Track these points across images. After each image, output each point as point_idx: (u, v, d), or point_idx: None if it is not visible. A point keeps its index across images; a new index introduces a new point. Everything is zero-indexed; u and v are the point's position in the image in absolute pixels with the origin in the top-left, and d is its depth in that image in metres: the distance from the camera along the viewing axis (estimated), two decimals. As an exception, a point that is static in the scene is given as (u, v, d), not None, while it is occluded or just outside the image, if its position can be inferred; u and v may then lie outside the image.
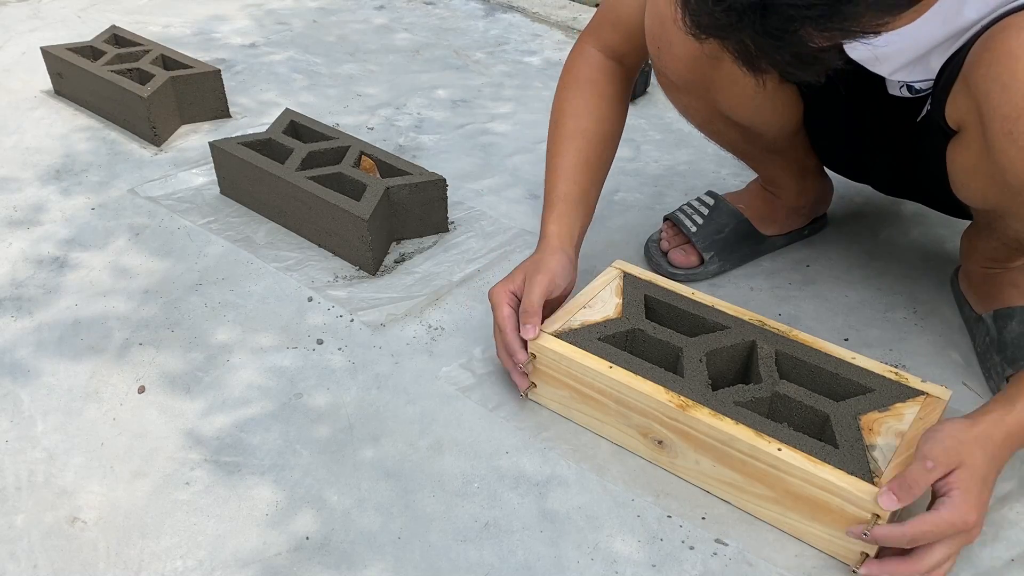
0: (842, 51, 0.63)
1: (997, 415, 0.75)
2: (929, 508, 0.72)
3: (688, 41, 0.91)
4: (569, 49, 1.89)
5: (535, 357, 0.91)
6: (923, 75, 0.87)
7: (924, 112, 0.94)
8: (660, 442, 0.85)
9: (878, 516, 0.73)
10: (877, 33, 0.60)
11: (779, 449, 0.77)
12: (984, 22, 0.77)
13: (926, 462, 0.73)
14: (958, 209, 1.06)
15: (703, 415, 0.81)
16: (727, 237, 1.15)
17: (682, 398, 0.82)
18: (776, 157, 1.13)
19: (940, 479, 0.72)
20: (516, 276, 0.94)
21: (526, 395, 0.94)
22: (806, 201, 1.19)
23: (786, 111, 1.04)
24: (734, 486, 0.82)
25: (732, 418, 0.80)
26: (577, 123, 1.00)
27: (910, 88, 0.91)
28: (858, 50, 0.85)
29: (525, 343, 0.91)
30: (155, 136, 1.46)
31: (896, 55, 0.85)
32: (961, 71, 0.78)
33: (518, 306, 0.93)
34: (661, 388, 0.84)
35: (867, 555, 0.75)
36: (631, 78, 1.05)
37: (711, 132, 1.12)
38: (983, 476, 0.73)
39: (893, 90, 0.93)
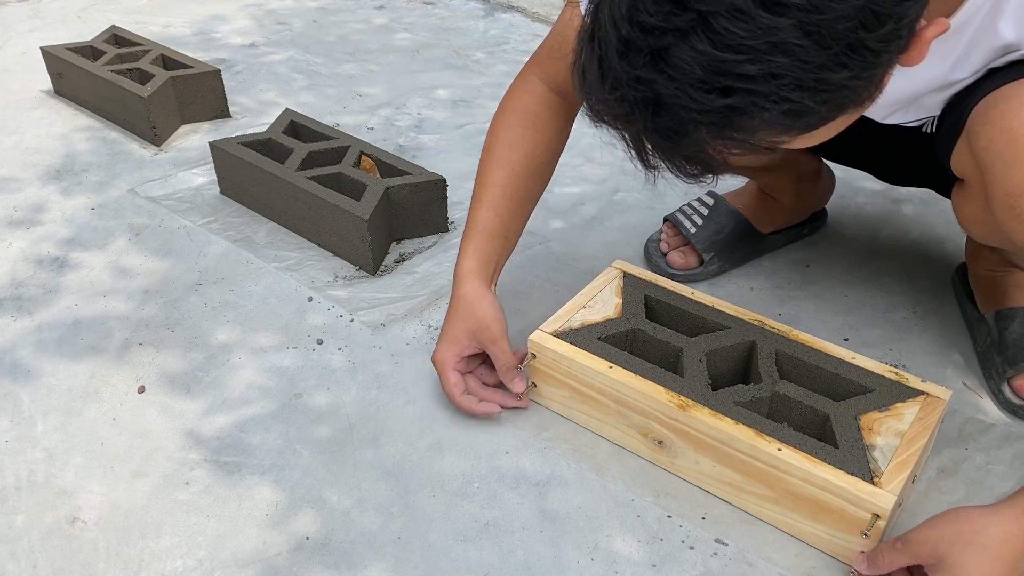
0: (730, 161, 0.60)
1: (1014, 514, 0.66)
2: None
3: None
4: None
5: (535, 357, 0.91)
6: (916, 115, 0.87)
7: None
8: (660, 442, 0.85)
9: (878, 516, 0.73)
10: (774, 149, 0.58)
11: (779, 449, 0.77)
12: (979, 74, 0.76)
13: (897, 543, 0.70)
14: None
15: (703, 415, 0.81)
16: (726, 237, 1.15)
17: (682, 398, 0.82)
18: (771, 172, 1.13)
19: (929, 568, 0.68)
20: (459, 337, 0.90)
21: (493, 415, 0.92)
22: (805, 202, 1.19)
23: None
24: (734, 486, 0.82)
25: (732, 418, 0.80)
26: (508, 154, 0.95)
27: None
28: None
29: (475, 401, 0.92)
30: (155, 136, 1.46)
31: (886, 104, 0.84)
32: (964, 130, 0.77)
33: (466, 367, 0.93)
34: (661, 388, 0.84)
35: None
36: (573, 114, 1.00)
37: None
38: None
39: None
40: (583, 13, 0.61)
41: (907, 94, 0.83)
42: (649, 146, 0.60)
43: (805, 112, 0.55)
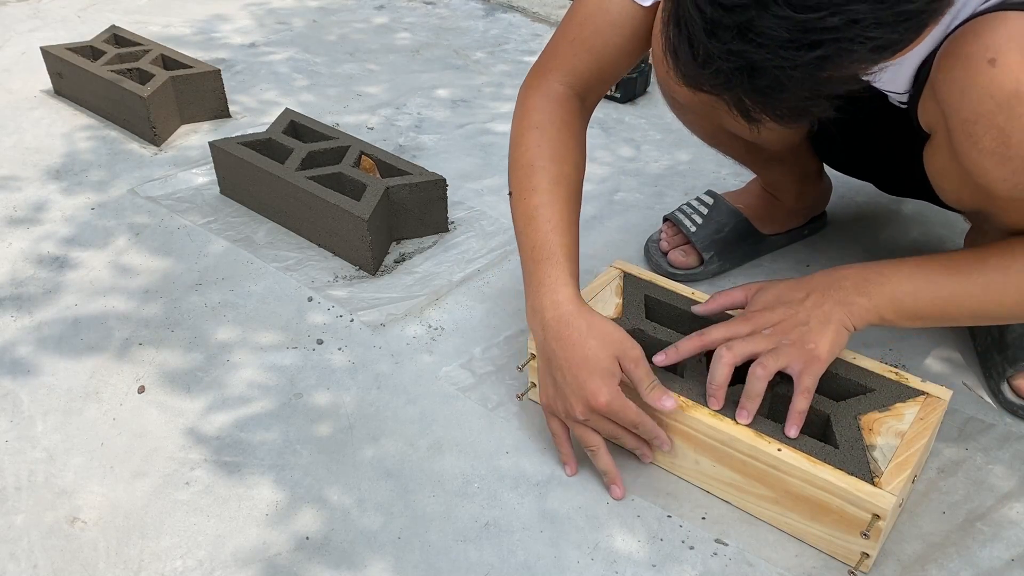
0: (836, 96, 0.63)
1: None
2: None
3: None
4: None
5: (535, 357, 0.91)
6: (901, 86, 0.87)
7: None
8: None
9: (878, 517, 0.73)
10: (866, 83, 0.61)
11: (779, 449, 0.77)
12: (951, 28, 0.77)
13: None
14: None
15: (703, 415, 0.81)
16: (727, 237, 1.15)
17: (682, 398, 0.82)
18: (779, 164, 1.13)
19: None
20: (615, 370, 0.81)
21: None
22: (805, 203, 1.19)
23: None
24: (734, 486, 0.82)
25: (732, 418, 0.80)
26: (560, 168, 0.89)
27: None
28: None
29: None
30: (155, 136, 1.46)
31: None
32: (928, 76, 0.78)
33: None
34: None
35: (867, 555, 0.75)
36: (589, 116, 0.98)
37: (715, 144, 1.13)
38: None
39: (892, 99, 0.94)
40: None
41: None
42: (750, 104, 0.63)
43: (891, 44, 0.57)
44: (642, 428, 0.82)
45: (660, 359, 0.84)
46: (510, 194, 0.91)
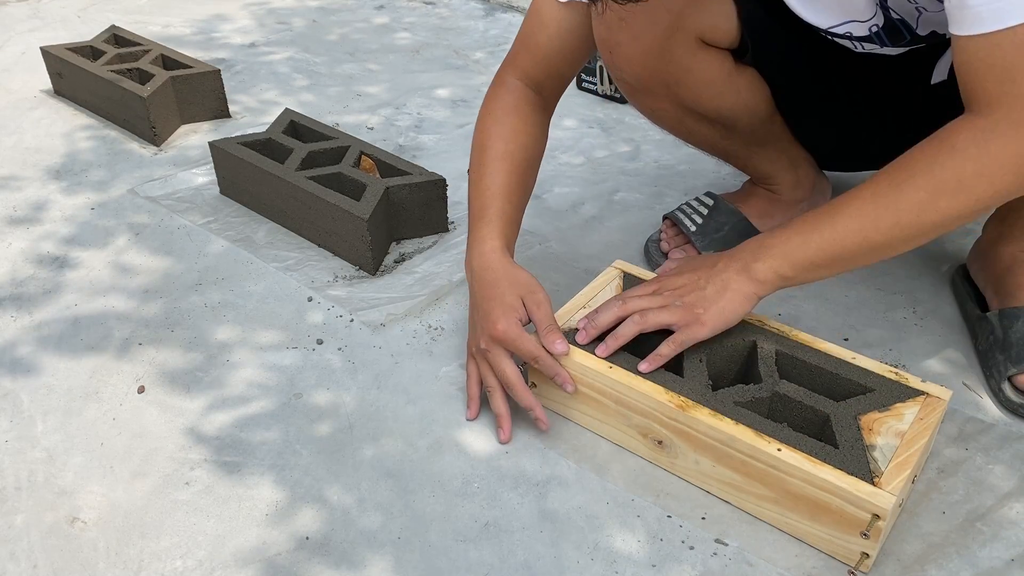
0: None
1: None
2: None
3: (636, 39, 0.97)
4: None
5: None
6: (853, 15, 0.90)
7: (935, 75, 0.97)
8: (660, 442, 0.85)
9: (878, 517, 0.73)
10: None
11: (779, 449, 0.77)
12: None
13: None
14: None
15: (703, 415, 0.81)
16: (727, 236, 1.15)
17: (682, 398, 0.82)
18: (760, 150, 1.13)
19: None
20: (516, 306, 0.89)
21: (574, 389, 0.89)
22: (803, 193, 1.19)
23: (750, 93, 1.05)
24: (734, 486, 0.82)
25: (732, 418, 0.80)
26: (505, 146, 0.99)
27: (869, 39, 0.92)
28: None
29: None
30: (155, 136, 1.46)
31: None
32: None
33: None
34: (661, 388, 0.84)
35: (867, 555, 0.75)
36: (550, 109, 1.06)
37: (685, 133, 1.13)
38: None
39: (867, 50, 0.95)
40: None
41: None
42: None
43: None
44: (541, 362, 0.87)
45: (582, 336, 0.89)
46: (468, 172, 1.02)
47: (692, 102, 1.03)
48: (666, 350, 0.85)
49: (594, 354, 0.87)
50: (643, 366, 0.85)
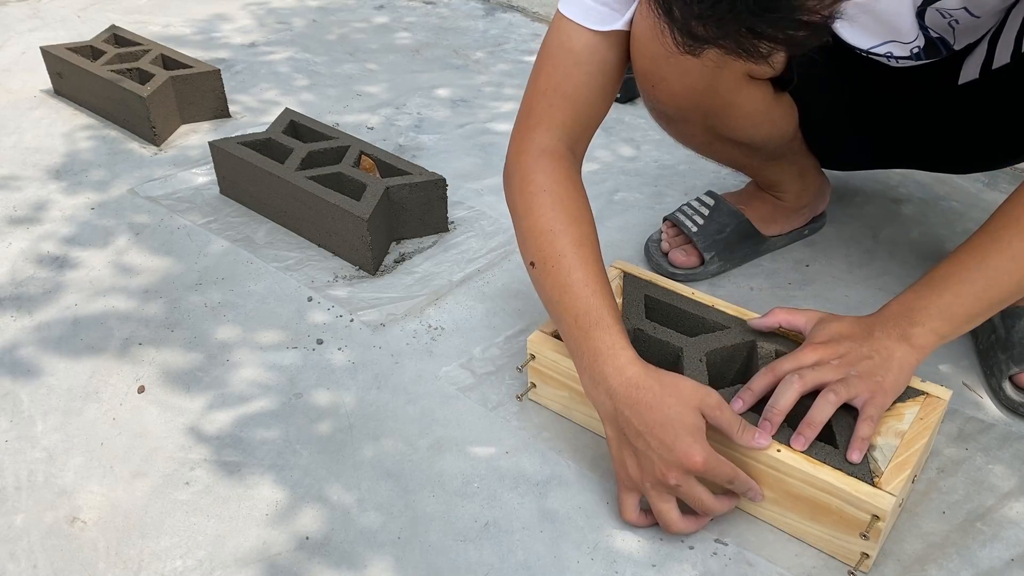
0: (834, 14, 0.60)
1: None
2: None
3: (684, 75, 0.89)
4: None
5: (534, 358, 0.91)
6: (907, 33, 0.88)
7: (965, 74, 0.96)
8: None
9: (877, 518, 0.73)
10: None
11: (778, 451, 0.77)
12: None
13: (793, 379, 0.78)
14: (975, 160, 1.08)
15: None
16: (728, 237, 1.15)
17: None
18: (775, 163, 1.13)
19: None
20: (701, 424, 0.75)
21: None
22: (807, 200, 1.19)
23: (783, 120, 1.05)
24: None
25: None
26: (580, 229, 0.85)
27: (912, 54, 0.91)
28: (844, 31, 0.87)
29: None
30: (155, 136, 1.46)
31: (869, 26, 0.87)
32: None
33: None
34: None
35: (867, 555, 0.75)
36: (580, 164, 0.94)
37: (710, 153, 1.14)
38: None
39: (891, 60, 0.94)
40: None
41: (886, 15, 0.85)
42: (759, 32, 0.59)
43: None
44: (737, 482, 0.77)
45: (738, 405, 0.80)
46: (531, 264, 0.87)
47: (727, 132, 1.02)
48: (866, 431, 0.76)
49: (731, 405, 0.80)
50: (852, 456, 0.76)
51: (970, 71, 0.96)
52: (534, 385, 0.93)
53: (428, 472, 0.87)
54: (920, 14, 0.85)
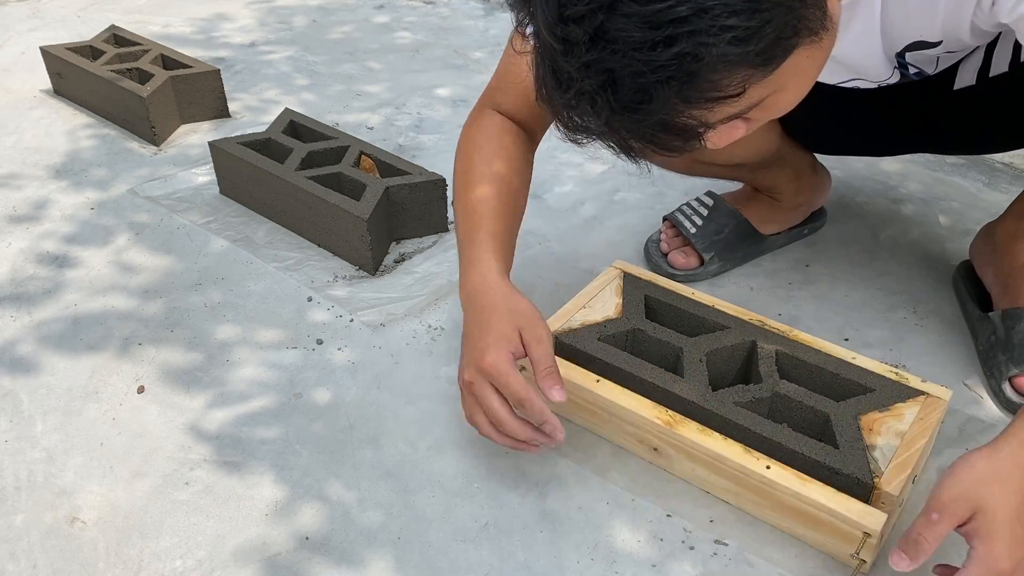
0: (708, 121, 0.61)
1: (1018, 441, 0.66)
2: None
3: None
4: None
5: (524, 369, 0.85)
6: (886, 74, 0.88)
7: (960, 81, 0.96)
8: (655, 448, 0.85)
9: (868, 535, 0.72)
10: (742, 91, 0.59)
11: (768, 467, 0.77)
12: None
13: (931, 514, 0.66)
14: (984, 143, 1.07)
15: (690, 432, 0.81)
16: (727, 237, 1.15)
17: (669, 413, 0.82)
18: (766, 171, 1.14)
19: (961, 527, 0.66)
20: (511, 337, 0.78)
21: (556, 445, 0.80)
22: (804, 198, 1.19)
23: (761, 139, 1.06)
24: (731, 492, 0.82)
25: (722, 432, 0.80)
26: (490, 168, 0.90)
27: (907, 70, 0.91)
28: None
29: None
30: (155, 136, 1.46)
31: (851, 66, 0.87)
32: None
33: None
34: (648, 403, 0.83)
35: (863, 560, 0.75)
36: (534, 142, 0.98)
37: (694, 174, 1.15)
38: (1009, 515, 0.64)
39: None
40: (528, 34, 0.63)
41: (864, 57, 0.85)
42: (625, 131, 0.61)
43: (750, 36, 0.55)
44: (528, 406, 0.76)
45: (896, 560, 0.68)
46: (453, 202, 0.93)
47: (704, 158, 1.04)
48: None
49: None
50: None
51: (966, 76, 0.96)
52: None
53: (428, 472, 0.87)
54: (901, 55, 0.85)
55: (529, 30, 0.63)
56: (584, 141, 0.63)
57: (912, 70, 0.88)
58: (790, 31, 0.58)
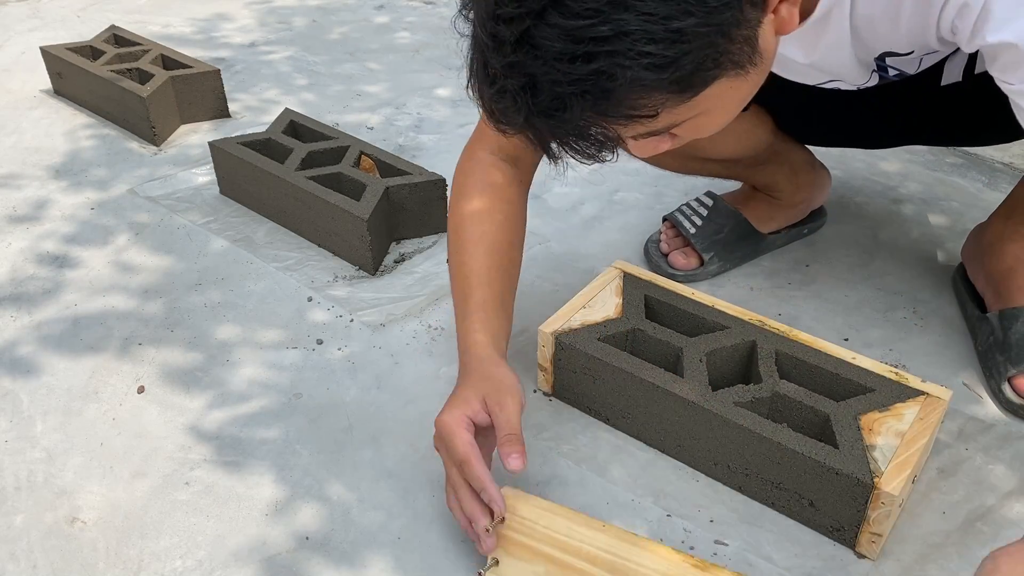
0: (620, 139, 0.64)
1: None
2: None
3: None
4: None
5: (497, 563, 0.73)
6: (858, 80, 0.89)
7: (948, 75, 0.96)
8: None
9: (496, 560, 0.69)
10: (655, 114, 0.61)
11: None
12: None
13: None
14: (974, 134, 1.08)
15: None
16: (726, 237, 1.15)
17: (698, 560, 0.72)
18: (761, 168, 1.14)
19: None
20: (470, 400, 0.77)
21: (488, 566, 0.73)
22: (804, 195, 1.19)
23: (753, 132, 1.06)
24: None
25: (721, 432, 0.79)
26: (481, 228, 0.90)
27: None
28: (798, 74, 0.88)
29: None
30: (155, 136, 1.46)
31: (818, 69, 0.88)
32: None
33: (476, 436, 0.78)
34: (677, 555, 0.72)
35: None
36: (527, 181, 0.97)
37: (689, 172, 1.14)
38: None
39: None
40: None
41: (841, 65, 0.86)
42: (544, 133, 0.64)
43: (667, 64, 0.57)
44: (467, 469, 0.73)
45: None
46: (447, 260, 0.95)
47: (696, 153, 1.04)
48: None
49: None
50: None
51: (953, 73, 0.97)
52: (496, 562, 0.73)
53: (428, 472, 0.87)
54: (880, 59, 0.86)
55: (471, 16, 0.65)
56: (509, 132, 0.66)
57: (892, 72, 0.89)
58: (711, 64, 0.60)
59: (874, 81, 0.91)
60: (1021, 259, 1.00)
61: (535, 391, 0.95)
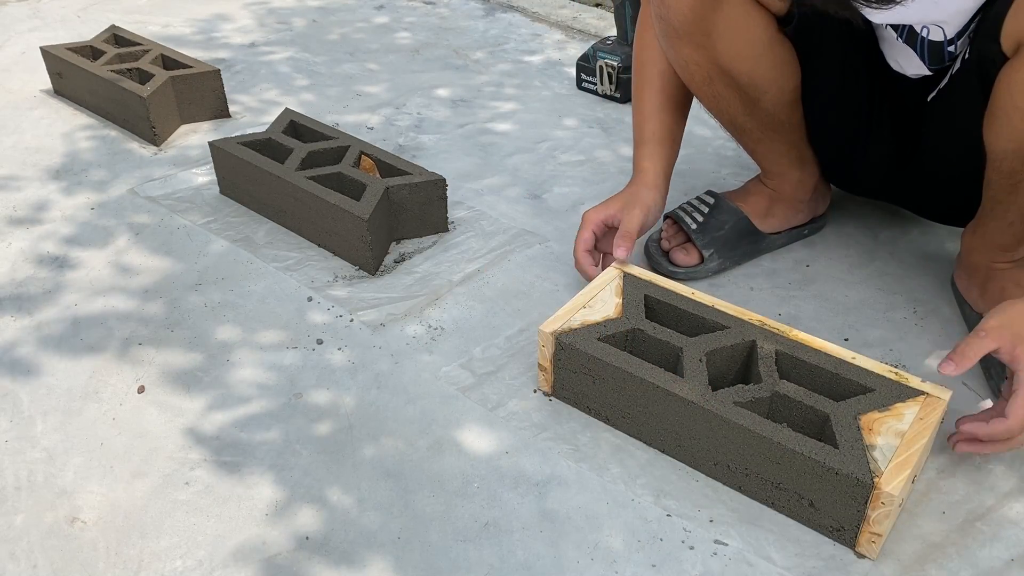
0: None
1: None
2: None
3: None
4: (569, 48, 1.90)
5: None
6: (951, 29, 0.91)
7: (937, 89, 0.98)
8: None
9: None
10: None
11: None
12: None
13: (980, 332, 0.78)
14: (951, 211, 1.11)
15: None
16: (727, 235, 1.15)
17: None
18: (774, 136, 1.12)
19: (1009, 356, 0.78)
20: (612, 204, 1.06)
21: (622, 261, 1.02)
22: (805, 194, 1.19)
23: (783, 68, 1.06)
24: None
25: (721, 432, 0.79)
26: (656, 67, 1.08)
27: (929, 51, 0.93)
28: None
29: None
30: (155, 136, 1.46)
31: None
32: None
33: (603, 232, 1.08)
34: None
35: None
36: None
37: (711, 96, 1.10)
38: None
39: (896, 68, 0.96)
40: None
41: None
42: None
43: None
44: (575, 255, 1.08)
45: (948, 367, 0.81)
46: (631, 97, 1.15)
47: (728, 60, 1.02)
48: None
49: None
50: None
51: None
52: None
53: (428, 472, 0.87)
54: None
55: None
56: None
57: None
58: None
59: (952, 30, 0.92)
60: (992, 268, 1.04)
61: (535, 391, 0.95)
